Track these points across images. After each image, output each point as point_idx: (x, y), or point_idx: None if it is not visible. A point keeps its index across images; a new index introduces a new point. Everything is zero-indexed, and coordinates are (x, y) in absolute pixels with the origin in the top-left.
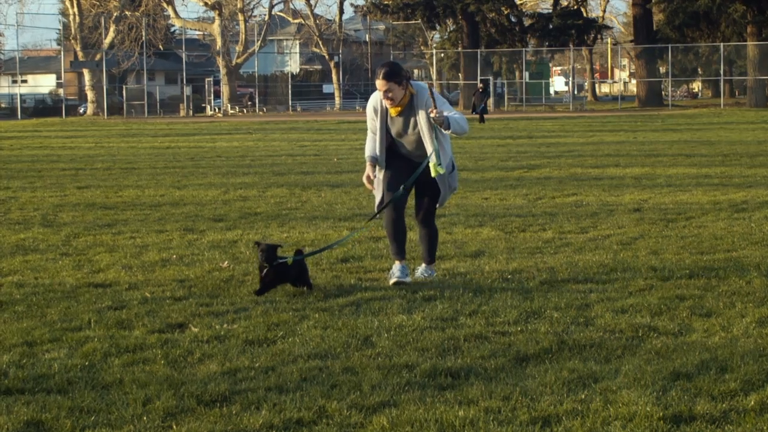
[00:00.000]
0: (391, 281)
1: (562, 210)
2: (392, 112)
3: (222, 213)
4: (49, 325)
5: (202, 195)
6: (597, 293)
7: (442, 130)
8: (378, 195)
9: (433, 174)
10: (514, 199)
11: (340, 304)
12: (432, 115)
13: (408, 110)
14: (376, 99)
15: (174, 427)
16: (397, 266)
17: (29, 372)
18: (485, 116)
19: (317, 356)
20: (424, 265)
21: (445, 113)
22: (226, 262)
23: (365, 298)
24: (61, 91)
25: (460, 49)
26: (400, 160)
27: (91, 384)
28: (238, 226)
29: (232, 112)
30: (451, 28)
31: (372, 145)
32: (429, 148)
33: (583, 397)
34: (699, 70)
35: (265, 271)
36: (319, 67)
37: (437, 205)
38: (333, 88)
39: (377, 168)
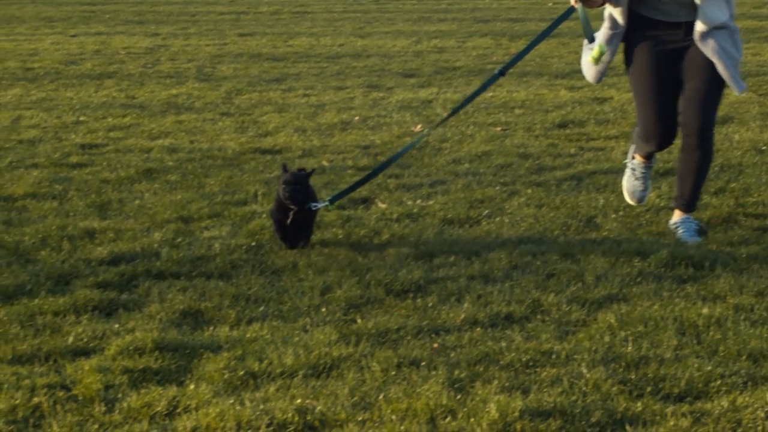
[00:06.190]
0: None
1: None
2: None
3: (413, 67)
4: (208, 197)
5: (389, 45)
6: None
7: None
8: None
9: (589, 60)
10: None
11: (558, 178)
12: None
13: None
14: None
15: (358, 320)
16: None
17: (185, 253)
18: None
19: (530, 240)
20: (677, 215)
21: None
22: (419, 126)
23: (588, 171)
24: None
25: None
26: (654, 44)
27: (258, 268)
28: (432, 83)
29: None
30: None
31: None
32: None
33: None
34: None
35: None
36: None
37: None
38: None
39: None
